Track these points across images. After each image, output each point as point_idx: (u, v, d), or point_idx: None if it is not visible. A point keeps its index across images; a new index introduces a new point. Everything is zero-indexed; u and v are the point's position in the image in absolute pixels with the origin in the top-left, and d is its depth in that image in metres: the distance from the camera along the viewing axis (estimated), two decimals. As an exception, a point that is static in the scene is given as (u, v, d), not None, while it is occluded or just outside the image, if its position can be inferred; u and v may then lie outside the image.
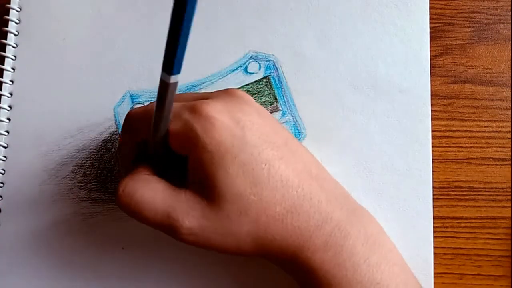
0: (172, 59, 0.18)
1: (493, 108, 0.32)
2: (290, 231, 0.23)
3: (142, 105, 0.30)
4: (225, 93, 0.25)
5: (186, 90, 0.32)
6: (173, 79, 0.19)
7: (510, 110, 0.32)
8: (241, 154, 0.23)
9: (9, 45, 0.33)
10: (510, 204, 0.31)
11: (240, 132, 0.23)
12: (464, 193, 0.31)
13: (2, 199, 0.32)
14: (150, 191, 0.24)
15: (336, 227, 0.24)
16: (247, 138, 0.23)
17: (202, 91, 0.32)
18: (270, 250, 0.24)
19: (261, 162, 0.23)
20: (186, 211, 0.23)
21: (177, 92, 0.22)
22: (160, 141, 0.24)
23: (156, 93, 0.32)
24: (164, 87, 0.20)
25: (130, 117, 0.26)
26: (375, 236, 0.25)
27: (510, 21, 0.32)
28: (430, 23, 0.32)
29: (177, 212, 0.23)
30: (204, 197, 0.23)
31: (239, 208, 0.23)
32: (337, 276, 0.23)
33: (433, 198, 0.30)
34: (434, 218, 0.30)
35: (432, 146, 0.31)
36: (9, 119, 0.32)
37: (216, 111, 0.23)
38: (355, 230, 0.24)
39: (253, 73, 0.32)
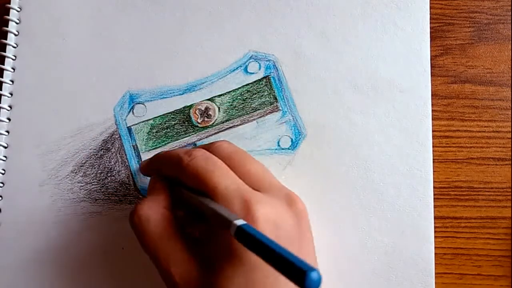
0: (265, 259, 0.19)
1: (493, 108, 0.32)
2: None
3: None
4: (287, 199, 0.25)
5: (186, 90, 0.32)
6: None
7: (510, 110, 0.32)
8: (256, 272, 0.22)
9: (9, 45, 0.33)
10: (510, 204, 0.31)
11: None
12: (464, 193, 0.31)
13: (2, 199, 0.32)
14: (162, 230, 0.24)
15: None
16: None
17: (202, 91, 0.32)
18: None
19: (270, 284, 0.22)
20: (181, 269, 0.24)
21: (175, 89, 0.22)
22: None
23: (157, 96, 0.32)
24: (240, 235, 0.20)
25: (194, 164, 0.24)
26: None
27: (510, 21, 0.32)
28: (430, 23, 0.32)
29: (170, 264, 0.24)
30: (200, 267, 0.23)
31: None
32: None
33: (433, 198, 0.30)
34: (434, 218, 0.30)
35: (432, 146, 0.31)
36: (9, 119, 0.32)
37: (265, 219, 0.22)
38: None
39: (253, 73, 0.32)
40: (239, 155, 0.26)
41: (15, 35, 0.33)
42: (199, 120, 0.32)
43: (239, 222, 0.20)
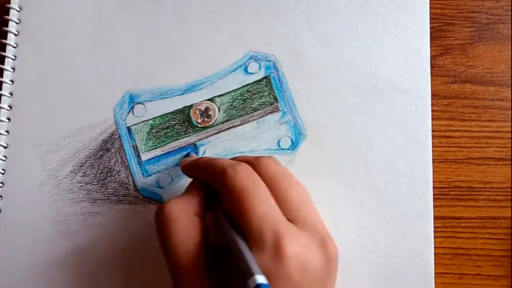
0: None
1: (493, 108, 0.32)
2: None
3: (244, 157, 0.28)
4: (320, 238, 0.24)
5: (186, 90, 0.32)
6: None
7: (510, 110, 0.32)
8: None
9: (9, 45, 0.33)
10: (510, 204, 0.31)
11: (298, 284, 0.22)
12: (464, 193, 0.31)
13: (2, 199, 0.32)
14: (187, 236, 0.24)
15: None
16: None
17: (202, 91, 0.32)
18: None
19: None
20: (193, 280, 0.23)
21: (175, 89, 0.21)
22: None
23: (157, 96, 0.32)
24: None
25: (236, 179, 0.24)
26: None
27: (510, 21, 0.32)
28: (430, 23, 0.32)
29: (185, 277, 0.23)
30: None
31: None
32: None
33: (433, 198, 0.30)
34: (434, 218, 0.30)
35: (432, 146, 0.31)
36: (9, 119, 0.32)
37: (294, 257, 0.22)
38: None
39: (253, 73, 0.32)
40: (282, 176, 0.25)
41: (15, 35, 0.33)
42: (199, 120, 0.32)
43: (260, 279, 0.19)
